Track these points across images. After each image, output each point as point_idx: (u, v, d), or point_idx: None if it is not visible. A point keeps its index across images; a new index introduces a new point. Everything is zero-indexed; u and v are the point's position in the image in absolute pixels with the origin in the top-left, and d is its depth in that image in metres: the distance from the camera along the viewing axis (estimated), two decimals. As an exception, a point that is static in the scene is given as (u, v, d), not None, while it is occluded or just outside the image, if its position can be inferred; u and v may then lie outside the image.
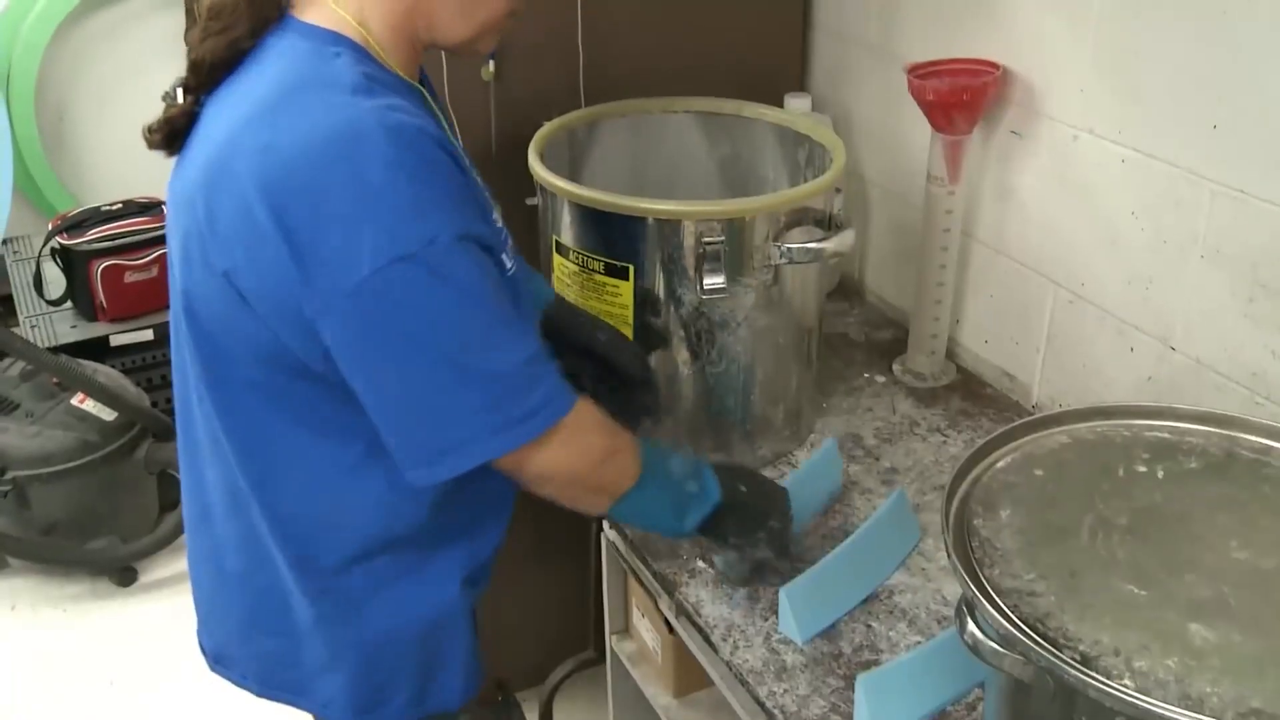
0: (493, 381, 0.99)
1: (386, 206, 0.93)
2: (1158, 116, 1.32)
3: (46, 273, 2.98)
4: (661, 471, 1.14)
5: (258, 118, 0.98)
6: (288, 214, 0.94)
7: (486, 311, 0.99)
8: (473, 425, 1.00)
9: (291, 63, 1.00)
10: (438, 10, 1.05)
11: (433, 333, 0.97)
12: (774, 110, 1.56)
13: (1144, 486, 0.98)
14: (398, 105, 0.97)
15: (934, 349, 1.66)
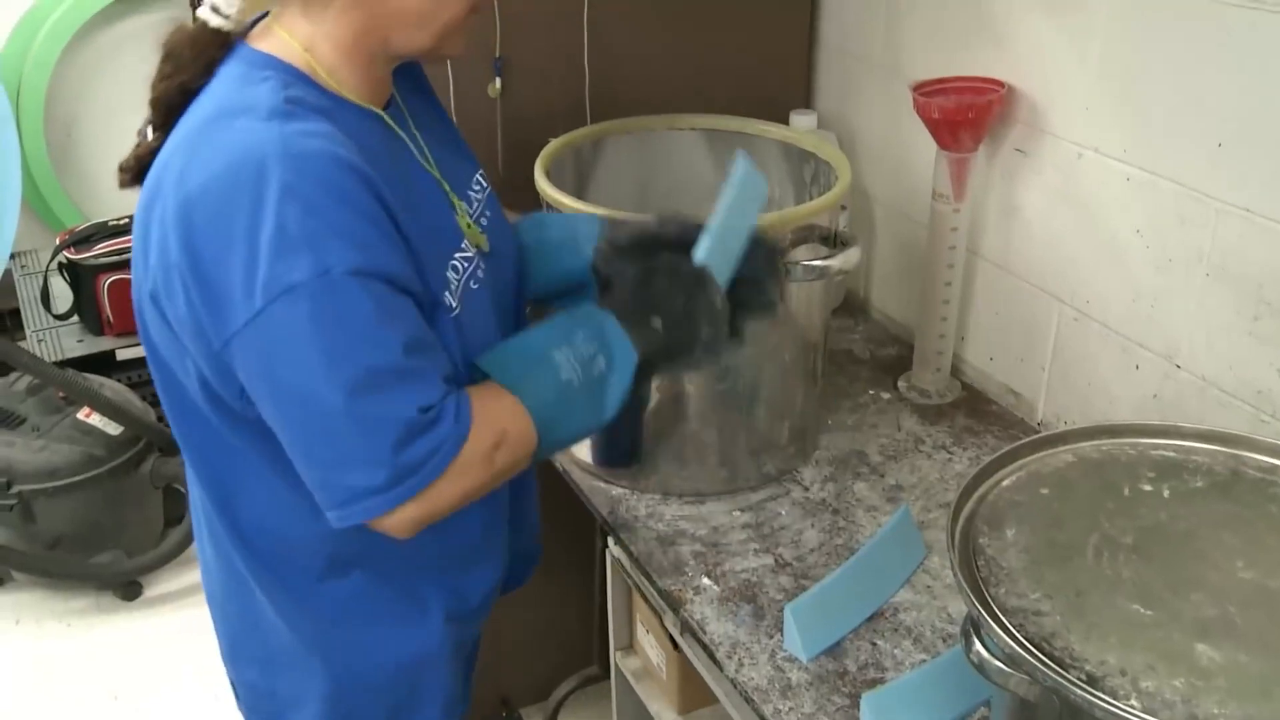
0: (380, 430, 0.94)
1: (280, 237, 0.90)
2: (1162, 135, 1.32)
3: (54, 287, 2.99)
4: (557, 399, 1.05)
5: (182, 145, 0.98)
6: (194, 245, 0.93)
7: (382, 354, 0.93)
8: (364, 479, 0.95)
9: (221, 89, 1.00)
10: (393, 27, 1.03)
11: (318, 369, 0.92)
12: (779, 128, 1.57)
13: (1149, 505, 0.98)
14: (317, 130, 0.94)
15: (939, 366, 1.66)
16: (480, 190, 1.21)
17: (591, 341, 1.07)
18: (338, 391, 0.92)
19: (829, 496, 1.47)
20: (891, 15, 1.72)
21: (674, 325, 1.11)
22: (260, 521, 1.11)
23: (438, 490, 0.97)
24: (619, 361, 1.08)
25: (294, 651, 1.16)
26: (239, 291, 0.91)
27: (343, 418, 0.93)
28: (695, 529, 1.41)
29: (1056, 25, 1.43)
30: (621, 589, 1.61)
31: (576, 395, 1.06)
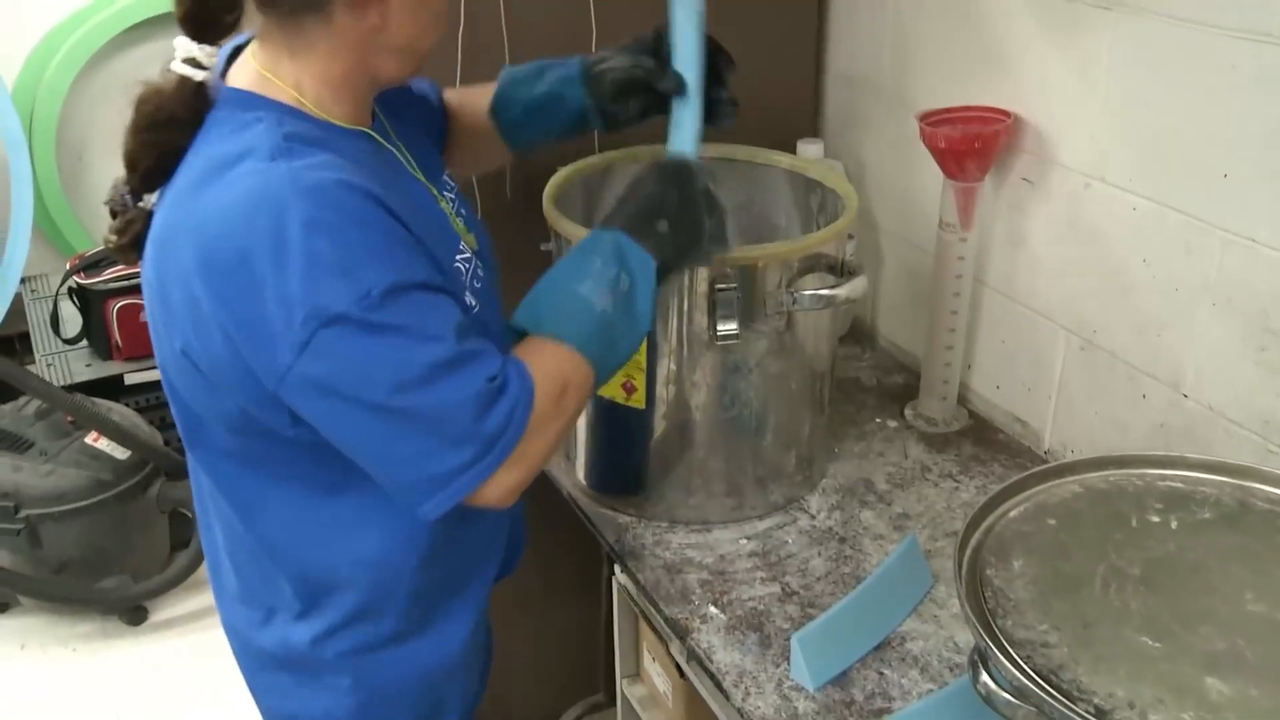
0: (455, 414, 0.97)
1: (312, 269, 0.92)
2: (1168, 165, 1.33)
3: (63, 311, 3.01)
4: (600, 330, 1.08)
5: (187, 197, 0.98)
6: (223, 291, 0.95)
7: (438, 347, 0.97)
8: (451, 460, 0.99)
9: (213, 138, 1.01)
10: (379, 61, 1.05)
11: (383, 384, 0.95)
12: (786, 156, 1.57)
13: (1157, 537, 0.98)
14: (319, 163, 0.96)
15: (945, 394, 1.66)
16: (452, 188, 1.24)
17: (611, 264, 1.09)
18: (408, 395, 0.95)
19: (836, 525, 1.47)
20: (898, 45, 1.73)
21: (678, 222, 1.13)
22: (300, 558, 1.14)
23: (523, 450, 1.01)
24: (640, 274, 1.10)
25: (317, 676, 1.18)
26: (280, 328, 0.93)
27: (419, 414, 0.97)
28: (702, 557, 1.41)
29: (1063, 56, 1.43)
30: (628, 616, 1.60)
31: (615, 319, 1.09)
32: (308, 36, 1.01)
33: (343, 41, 1.02)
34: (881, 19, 1.75)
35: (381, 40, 1.03)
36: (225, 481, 1.12)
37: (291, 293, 0.92)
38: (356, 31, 1.01)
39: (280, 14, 1.00)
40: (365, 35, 1.02)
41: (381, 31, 1.02)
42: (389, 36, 1.03)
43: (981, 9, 1.54)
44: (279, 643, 1.19)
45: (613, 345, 1.10)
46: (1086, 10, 1.38)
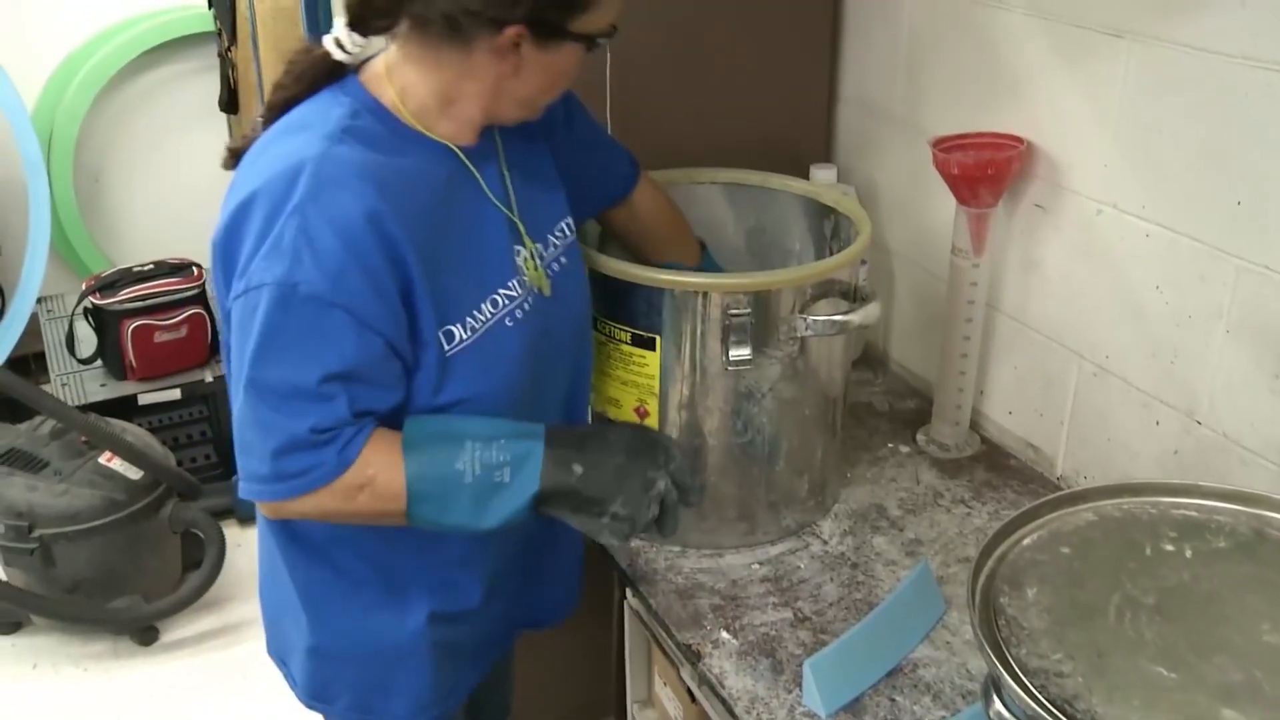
0: (270, 433, 1.06)
1: (276, 241, 1.01)
2: (1181, 193, 1.33)
3: (78, 331, 3.03)
4: (439, 480, 1.11)
5: (254, 150, 1.12)
6: (226, 235, 1.07)
7: (303, 372, 1.04)
8: (254, 466, 1.08)
9: (305, 109, 1.13)
10: (504, 104, 1.14)
11: (253, 361, 1.04)
12: (800, 182, 1.58)
13: (1172, 566, 0.98)
14: (358, 163, 1.05)
15: (958, 420, 1.66)
16: (562, 237, 1.28)
17: (506, 453, 1.13)
18: (254, 388, 1.05)
19: (848, 550, 1.46)
20: (911, 71, 1.74)
21: (591, 481, 1.15)
22: None
23: (300, 500, 1.09)
24: (518, 485, 1.13)
25: (291, 601, 1.28)
26: (236, 275, 1.05)
27: (252, 410, 1.06)
28: (714, 582, 1.41)
29: (1076, 83, 1.44)
30: (640, 641, 1.60)
31: (461, 489, 1.12)
32: (441, 60, 1.09)
33: (473, 76, 1.10)
34: (894, 45, 1.76)
35: (508, 87, 1.11)
36: None
37: (254, 251, 1.03)
38: (490, 72, 1.10)
39: (426, 37, 1.08)
40: (496, 78, 1.10)
41: (511, 79, 1.10)
42: (516, 85, 1.12)
43: (994, 36, 1.55)
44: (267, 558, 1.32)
45: (440, 503, 1.12)
46: (1099, 38, 1.38)
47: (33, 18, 3.42)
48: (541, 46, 1.09)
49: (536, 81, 1.13)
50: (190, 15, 3.53)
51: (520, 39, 1.07)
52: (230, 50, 3.23)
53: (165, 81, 3.65)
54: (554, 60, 1.11)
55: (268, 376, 1.04)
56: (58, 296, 3.41)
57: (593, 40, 1.12)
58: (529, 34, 1.07)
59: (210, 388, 2.98)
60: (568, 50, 1.11)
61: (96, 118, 3.57)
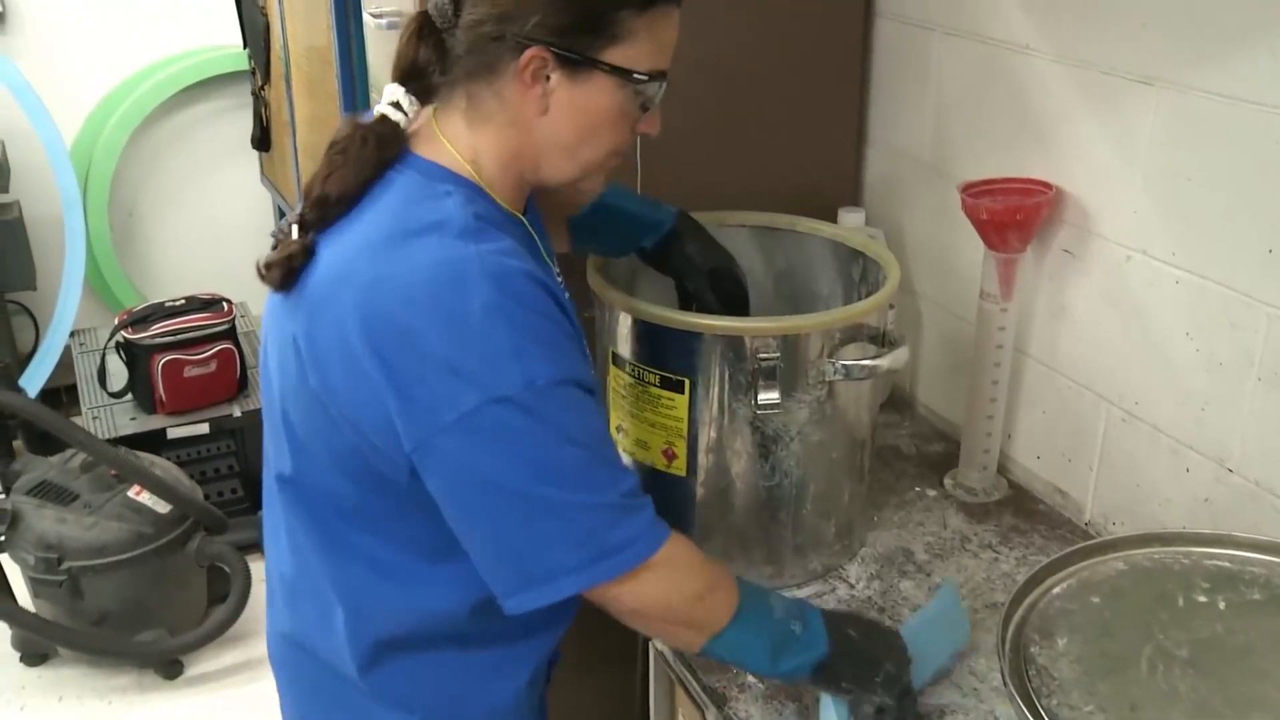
0: (583, 516, 1.01)
1: (485, 350, 0.96)
2: (1211, 240, 1.33)
3: (110, 365, 3.06)
4: (761, 610, 1.12)
5: (369, 252, 1.01)
6: (387, 352, 0.98)
7: (583, 451, 1.01)
8: (562, 559, 1.01)
9: (405, 201, 1.04)
10: (543, 152, 1.10)
11: (526, 470, 0.98)
12: (828, 226, 1.58)
13: (1204, 617, 0.97)
14: (505, 248, 1.01)
15: (985, 464, 1.65)
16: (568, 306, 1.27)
17: (796, 608, 1.16)
18: (547, 486, 0.98)
19: (875, 594, 1.46)
20: (940, 116, 1.75)
21: (868, 640, 1.17)
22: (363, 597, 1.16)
23: (640, 583, 1.04)
24: (810, 637, 1.13)
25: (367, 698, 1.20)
26: (441, 397, 0.96)
27: (551, 508, 0.99)
28: (740, 625, 1.40)
29: (1105, 129, 1.44)
30: (664, 683, 1.59)
31: (774, 626, 1.12)
32: (481, 105, 1.07)
33: (509, 117, 1.07)
34: (923, 90, 1.77)
35: (541, 126, 1.07)
36: (319, 522, 1.15)
37: (463, 367, 0.95)
38: (520, 109, 1.06)
39: (462, 78, 1.06)
40: (528, 116, 1.06)
41: (541, 115, 1.06)
42: (548, 125, 1.07)
43: (1023, 81, 1.56)
44: (330, 670, 1.22)
45: (755, 636, 1.12)
46: (1128, 84, 1.39)
47: (73, 57, 3.49)
48: (570, 77, 1.05)
49: (572, 122, 1.07)
50: (225, 55, 3.60)
51: (544, 63, 1.04)
52: (264, 89, 3.28)
53: (199, 119, 3.71)
54: (587, 98, 1.06)
55: (556, 470, 0.99)
56: (90, 330, 3.45)
57: (630, 77, 1.07)
58: (553, 60, 1.04)
59: (238, 422, 3.00)
60: (601, 86, 1.06)
61: (132, 154, 3.63)
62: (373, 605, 1.16)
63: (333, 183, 1.05)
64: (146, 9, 3.54)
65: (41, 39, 3.44)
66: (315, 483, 1.12)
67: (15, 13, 3.40)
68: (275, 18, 2.95)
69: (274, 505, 1.22)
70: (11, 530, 2.47)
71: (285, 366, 1.08)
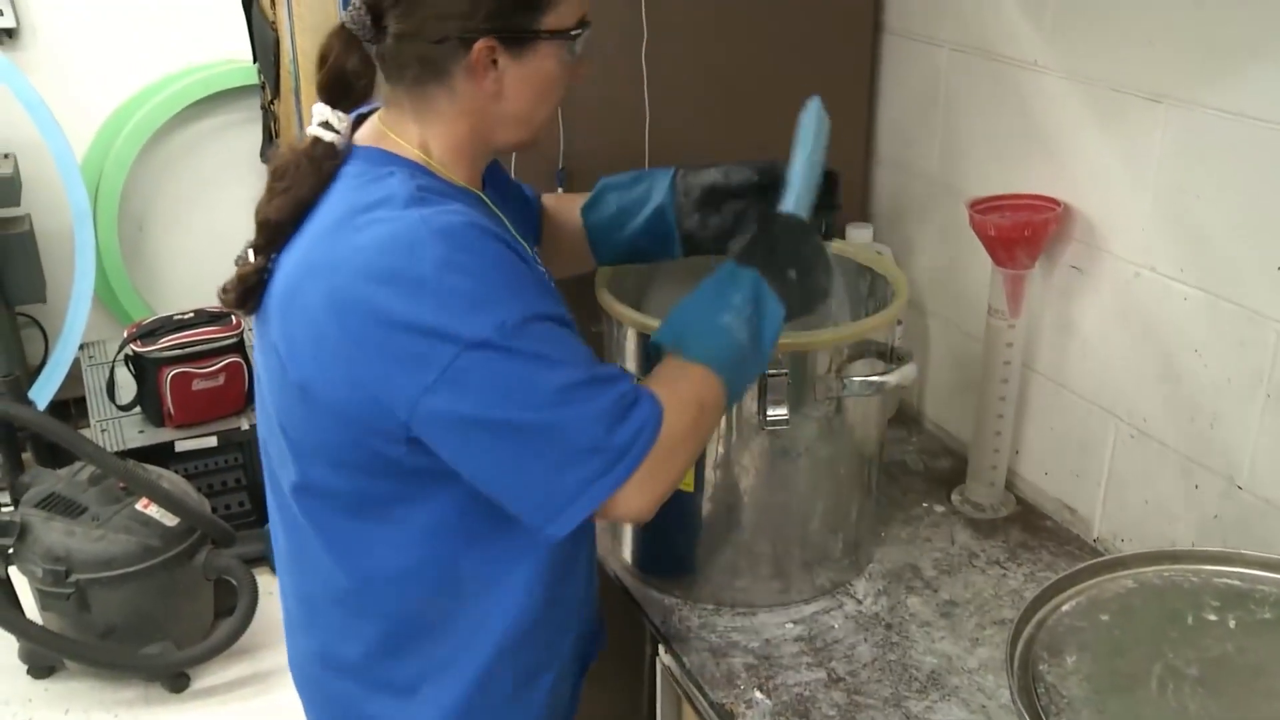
0: (588, 428, 1.02)
1: (449, 304, 0.98)
2: (1220, 257, 1.33)
3: (119, 378, 3.07)
4: (738, 360, 1.15)
5: (323, 240, 1.05)
6: (356, 328, 1.00)
7: (572, 370, 1.02)
8: (582, 471, 1.03)
9: (350, 188, 1.07)
10: (497, 128, 1.13)
11: (522, 401, 1.00)
12: (837, 242, 1.58)
13: (1215, 636, 0.97)
14: (451, 209, 1.03)
15: (993, 480, 1.65)
16: (537, 261, 1.28)
17: (749, 302, 1.16)
18: (541, 412, 1.01)
19: (882, 610, 1.45)
20: (948, 132, 1.75)
21: (805, 275, 1.21)
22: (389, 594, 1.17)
23: (655, 465, 1.05)
24: (770, 318, 1.17)
25: None
26: (415, 359, 0.98)
27: (551, 429, 1.01)
28: (748, 641, 1.40)
29: (1113, 146, 1.45)
30: (671, 700, 1.59)
31: (748, 351, 1.16)
32: (432, 103, 1.09)
33: (463, 108, 1.09)
34: (931, 106, 1.77)
35: (498, 109, 1.11)
36: (332, 525, 1.15)
37: (428, 324, 0.97)
38: (475, 99, 1.09)
39: (407, 83, 1.09)
40: (484, 103, 1.09)
41: (498, 99, 1.10)
42: (505, 105, 1.10)
43: (1031, 98, 1.56)
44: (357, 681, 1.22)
45: (742, 375, 1.17)
46: (1136, 102, 1.39)
47: (85, 71, 3.51)
48: (516, 56, 1.08)
49: (525, 97, 1.11)
50: (234, 69, 3.61)
51: (493, 52, 1.06)
52: (273, 103, 3.29)
53: (209, 133, 3.73)
54: (535, 69, 1.10)
55: (553, 395, 1.01)
56: (100, 343, 3.46)
57: (566, 36, 1.10)
58: (500, 45, 1.06)
59: (246, 435, 3.01)
60: (544, 53, 1.09)
61: (142, 167, 3.65)
62: (392, 598, 1.17)
63: (274, 208, 1.08)
64: (157, 24, 3.56)
65: (54, 53, 3.46)
66: (321, 485, 1.13)
67: (29, 28, 3.42)
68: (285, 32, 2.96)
69: (287, 523, 1.22)
70: (20, 542, 2.47)
71: (272, 375, 1.11)
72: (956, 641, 1.39)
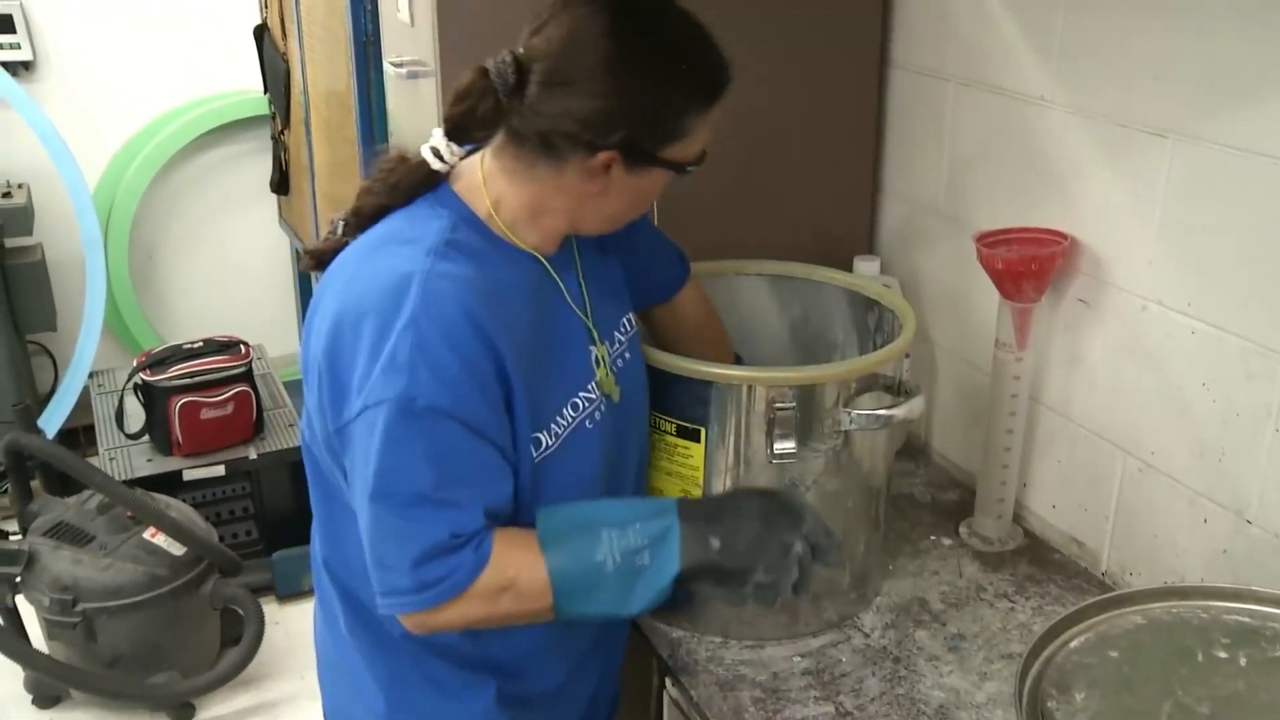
0: (409, 543, 1.07)
1: (392, 357, 1.03)
2: (1227, 290, 1.33)
3: (128, 406, 3.08)
4: (582, 573, 1.12)
5: (355, 255, 1.13)
6: (333, 348, 1.08)
7: (425, 480, 1.05)
8: (395, 579, 1.08)
9: (405, 218, 1.14)
10: (587, 218, 1.17)
11: (378, 478, 1.05)
12: (844, 275, 1.59)
13: (1225, 674, 0.96)
14: (460, 275, 1.06)
15: (1001, 513, 1.65)
16: (625, 332, 1.31)
17: (644, 536, 1.13)
18: (387, 501, 1.06)
19: (890, 644, 1.45)
20: (955, 165, 1.76)
21: (731, 553, 1.15)
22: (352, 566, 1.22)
23: (445, 608, 1.09)
24: (659, 566, 1.13)
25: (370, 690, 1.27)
26: (353, 393, 1.06)
27: (385, 524, 1.07)
28: (755, 674, 1.40)
29: (1120, 180, 1.45)
30: (678, 731, 1.58)
31: (605, 578, 1.12)
32: (534, 174, 1.12)
33: (563, 191, 1.13)
34: (938, 139, 1.78)
35: (594, 204, 1.15)
36: (322, 493, 1.24)
37: (370, 369, 1.04)
38: (579, 190, 1.13)
39: (521, 148, 1.12)
40: (584, 196, 1.13)
41: (599, 198, 1.13)
42: (602, 204, 1.15)
43: (1037, 132, 1.57)
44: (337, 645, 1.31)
45: (586, 594, 1.13)
46: (1143, 136, 1.40)
47: (99, 102, 3.55)
48: (631, 169, 1.11)
49: (622, 202, 1.16)
50: (245, 100, 3.64)
51: (612, 163, 1.10)
52: (283, 133, 3.32)
53: (220, 163, 3.76)
54: (642, 184, 1.15)
55: (396, 488, 1.05)
56: (109, 371, 3.47)
57: (682, 168, 1.15)
58: (620, 159, 1.10)
59: (254, 464, 3.01)
60: (656, 175, 1.14)
61: (153, 196, 3.67)
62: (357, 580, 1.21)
63: (364, 200, 1.16)
64: (170, 56, 3.60)
65: (69, 85, 3.50)
66: (315, 452, 1.20)
67: (45, 61, 3.46)
68: (296, 63, 2.99)
69: None
70: (28, 571, 2.47)
71: (304, 339, 1.17)
72: (964, 675, 1.38)
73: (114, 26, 3.52)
